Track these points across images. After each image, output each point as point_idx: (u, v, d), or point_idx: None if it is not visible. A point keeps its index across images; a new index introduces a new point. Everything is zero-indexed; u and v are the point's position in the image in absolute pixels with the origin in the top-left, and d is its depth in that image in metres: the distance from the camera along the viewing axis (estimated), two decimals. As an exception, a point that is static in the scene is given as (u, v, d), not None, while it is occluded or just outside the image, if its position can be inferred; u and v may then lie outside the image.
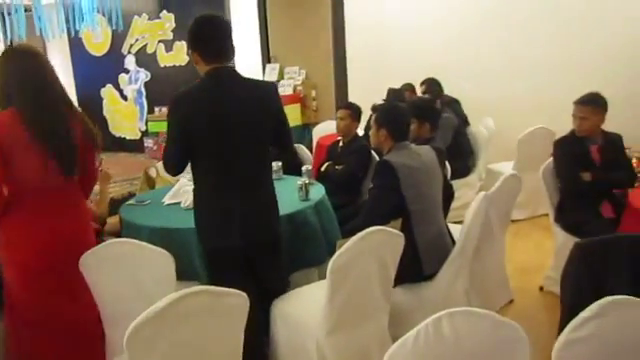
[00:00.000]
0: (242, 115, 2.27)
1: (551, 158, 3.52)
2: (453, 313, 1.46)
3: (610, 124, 3.47)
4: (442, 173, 3.01)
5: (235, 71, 2.35)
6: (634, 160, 4.76)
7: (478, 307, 3.10)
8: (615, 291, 1.92)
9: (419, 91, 5.61)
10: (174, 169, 2.38)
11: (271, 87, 2.44)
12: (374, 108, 2.91)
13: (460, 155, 4.99)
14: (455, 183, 4.65)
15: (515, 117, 5.57)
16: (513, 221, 4.91)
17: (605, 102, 3.36)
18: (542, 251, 4.15)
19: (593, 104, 3.33)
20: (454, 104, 5.55)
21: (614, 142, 3.43)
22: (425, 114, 3.55)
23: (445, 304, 2.71)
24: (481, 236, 3.00)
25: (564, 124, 3.56)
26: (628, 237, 2.05)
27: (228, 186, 2.31)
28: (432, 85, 5.43)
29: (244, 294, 1.86)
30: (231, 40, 2.31)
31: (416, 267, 2.67)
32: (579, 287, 2.07)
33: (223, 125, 2.25)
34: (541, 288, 3.58)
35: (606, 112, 3.38)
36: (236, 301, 1.86)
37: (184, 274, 2.68)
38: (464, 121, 5.42)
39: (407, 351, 1.43)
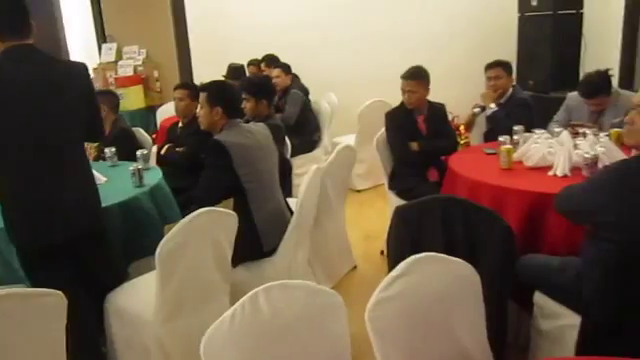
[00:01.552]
0: (48, 97, 2.09)
1: (383, 129, 3.71)
2: (269, 287, 1.47)
3: (436, 95, 3.74)
4: (279, 150, 3.04)
5: (37, 49, 2.14)
6: (461, 127, 5.21)
7: (322, 276, 3.22)
8: (431, 248, 2.07)
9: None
10: None
11: (80, 66, 2.26)
12: (202, 88, 2.83)
13: (306, 130, 5.10)
14: (302, 158, 4.77)
15: (356, 90, 5.78)
16: (358, 191, 5.19)
17: (427, 74, 3.61)
18: (384, 218, 4.36)
19: (417, 77, 3.56)
20: (295, 79, 5.65)
21: (438, 111, 3.71)
22: (262, 91, 3.53)
23: (288, 277, 2.76)
24: (320, 207, 3.09)
25: (399, 96, 3.75)
26: (440, 198, 2.22)
27: (39, 175, 2.11)
28: (271, 61, 5.45)
29: (59, 292, 1.73)
30: (28, 14, 2.10)
31: (256, 244, 2.67)
32: (401, 248, 2.20)
33: (27, 109, 2.05)
34: (382, 252, 3.79)
35: (429, 83, 3.63)
36: (52, 301, 1.73)
37: (5, 279, 2.45)
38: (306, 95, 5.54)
39: (225, 330, 1.42)
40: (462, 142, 4.57)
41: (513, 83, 3.98)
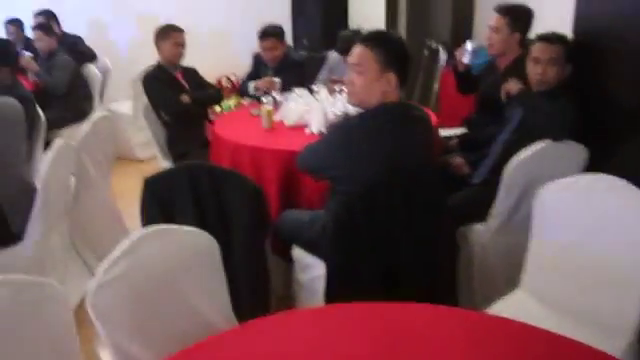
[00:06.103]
0: None
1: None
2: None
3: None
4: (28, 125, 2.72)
5: None
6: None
7: (93, 259, 3.00)
8: (182, 219, 2.03)
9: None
10: None
11: None
12: None
13: (74, 99, 4.67)
14: (72, 129, 4.37)
15: (135, 54, 5.45)
16: (141, 161, 4.97)
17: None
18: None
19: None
20: (77, 40, 5.24)
21: (191, 69, 3.76)
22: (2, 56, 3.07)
23: (41, 266, 2.52)
24: (79, 184, 2.85)
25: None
26: (186, 165, 2.15)
27: None
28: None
29: None
30: None
31: (2, 229, 2.38)
32: (154, 222, 2.12)
33: None
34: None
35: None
36: None
37: None
38: (92, 57, 5.15)
39: None
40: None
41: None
